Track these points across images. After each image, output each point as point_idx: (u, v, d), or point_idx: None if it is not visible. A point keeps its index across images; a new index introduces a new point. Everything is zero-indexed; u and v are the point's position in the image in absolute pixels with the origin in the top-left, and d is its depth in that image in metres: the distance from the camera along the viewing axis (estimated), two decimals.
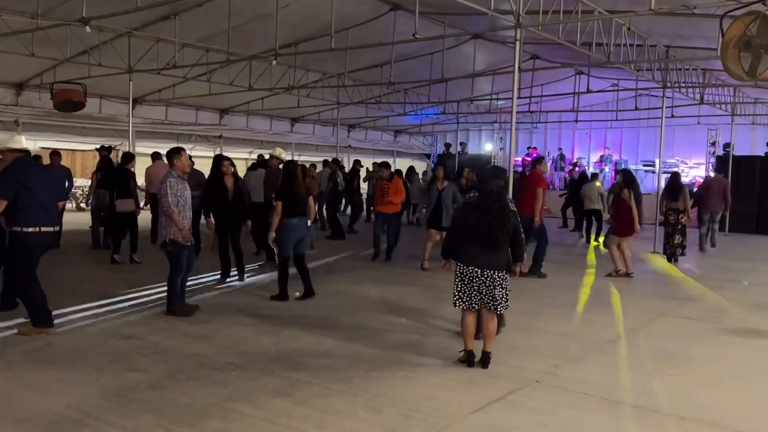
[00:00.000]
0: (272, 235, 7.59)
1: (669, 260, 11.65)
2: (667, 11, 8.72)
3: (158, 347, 5.63)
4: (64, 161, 12.76)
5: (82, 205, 16.23)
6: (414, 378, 5.02)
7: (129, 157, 10.59)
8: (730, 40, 6.57)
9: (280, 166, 8.73)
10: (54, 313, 6.12)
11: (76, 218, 13.98)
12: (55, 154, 11.29)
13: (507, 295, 5.30)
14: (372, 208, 15.85)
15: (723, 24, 6.82)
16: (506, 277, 5.28)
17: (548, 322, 6.94)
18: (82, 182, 18.41)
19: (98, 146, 11.96)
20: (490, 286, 5.19)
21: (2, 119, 15.22)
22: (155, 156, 12.12)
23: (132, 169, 10.33)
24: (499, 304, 5.23)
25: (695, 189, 15.19)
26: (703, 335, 6.69)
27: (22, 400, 4.37)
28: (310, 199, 7.93)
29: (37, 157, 7.40)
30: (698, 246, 13.30)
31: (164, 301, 6.91)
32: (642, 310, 7.74)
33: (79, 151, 19.10)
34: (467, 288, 5.24)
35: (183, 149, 6.98)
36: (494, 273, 5.20)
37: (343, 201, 16.67)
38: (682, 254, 11.62)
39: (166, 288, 6.85)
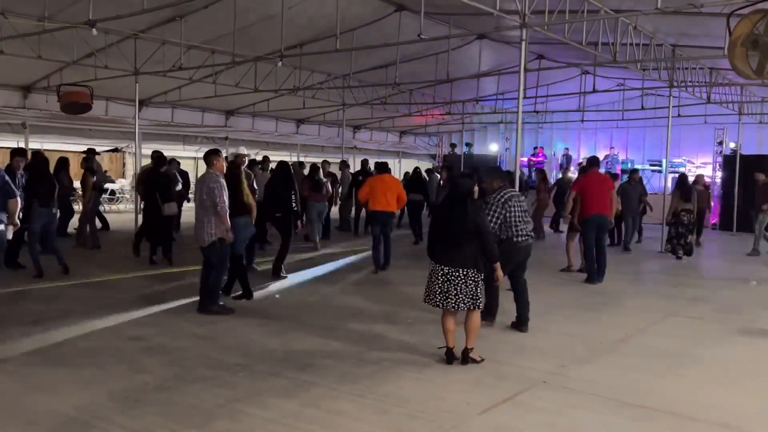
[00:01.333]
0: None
1: (680, 258, 11.87)
2: (673, 10, 8.67)
3: (165, 348, 5.64)
4: (72, 163, 12.89)
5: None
6: (421, 379, 5.01)
7: (162, 160, 10.36)
8: (738, 38, 6.54)
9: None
10: (59, 315, 6.14)
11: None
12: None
13: (479, 293, 5.29)
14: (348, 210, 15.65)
15: (730, 22, 6.80)
16: (474, 275, 5.26)
17: (555, 322, 6.92)
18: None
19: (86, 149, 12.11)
20: (453, 282, 5.23)
21: (9, 122, 15.29)
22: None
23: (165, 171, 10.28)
24: (465, 302, 5.23)
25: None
26: (712, 335, 6.65)
27: (30, 401, 4.39)
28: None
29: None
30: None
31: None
32: (650, 310, 7.71)
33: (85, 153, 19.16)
34: (432, 285, 5.34)
35: (220, 151, 7.11)
36: (458, 270, 5.22)
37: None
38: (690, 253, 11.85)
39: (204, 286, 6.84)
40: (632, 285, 9.50)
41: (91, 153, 12.54)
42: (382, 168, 10.26)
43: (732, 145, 19.22)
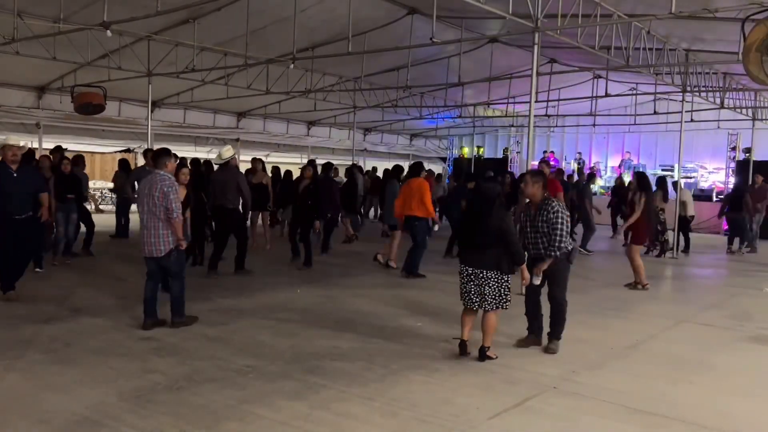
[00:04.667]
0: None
1: (658, 256, 12.56)
2: (688, 15, 8.63)
3: (176, 349, 5.67)
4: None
5: (101, 207, 16.43)
6: (431, 382, 5.00)
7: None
8: (752, 43, 6.52)
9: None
10: (71, 314, 6.17)
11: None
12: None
13: (504, 294, 5.46)
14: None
15: (745, 28, 6.77)
16: (500, 277, 5.43)
17: (566, 327, 6.85)
18: (101, 184, 18.70)
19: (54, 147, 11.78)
20: (479, 284, 5.47)
21: (24, 122, 15.44)
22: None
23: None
24: (489, 303, 5.44)
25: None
26: (724, 343, 6.60)
27: (41, 400, 4.42)
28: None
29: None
30: None
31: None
32: (661, 316, 7.66)
33: (98, 153, 19.35)
34: (463, 285, 5.60)
35: (171, 151, 6.52)
36: (482, 272, 5.44)
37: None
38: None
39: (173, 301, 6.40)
40: (642, 291, 9.42)
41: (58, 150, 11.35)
42: (409, 171, 10.43)
43: (745, 150, 19.08)
